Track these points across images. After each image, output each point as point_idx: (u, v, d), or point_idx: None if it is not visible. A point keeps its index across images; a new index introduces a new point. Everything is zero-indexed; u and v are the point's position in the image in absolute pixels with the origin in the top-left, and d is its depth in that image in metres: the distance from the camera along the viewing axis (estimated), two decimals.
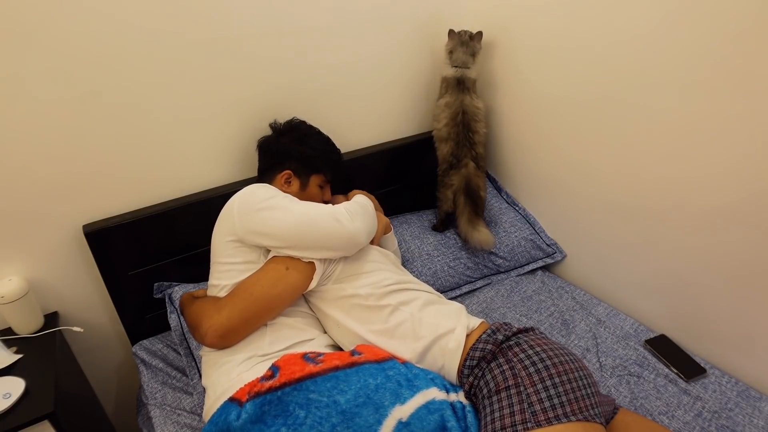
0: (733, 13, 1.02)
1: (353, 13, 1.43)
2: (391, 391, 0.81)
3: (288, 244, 1.04)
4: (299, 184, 1.24)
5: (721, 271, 1.20)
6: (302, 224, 1.03)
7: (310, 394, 0.80)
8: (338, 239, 1.05)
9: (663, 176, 1.26)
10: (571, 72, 1.41)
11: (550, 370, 0.83)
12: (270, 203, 1.05)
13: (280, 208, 1.05)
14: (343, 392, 0.80)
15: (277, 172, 1.24)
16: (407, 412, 0.78)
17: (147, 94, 1.21)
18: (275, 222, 1.03)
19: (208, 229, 1.36)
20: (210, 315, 0.98)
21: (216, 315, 0.98)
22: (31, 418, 0.98)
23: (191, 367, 1.20)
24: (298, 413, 0.78)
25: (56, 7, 1.04)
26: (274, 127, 1.31)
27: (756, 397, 1.15)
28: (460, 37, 1.54)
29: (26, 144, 1.11)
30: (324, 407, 0.78)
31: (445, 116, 1.55)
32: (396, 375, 0.84)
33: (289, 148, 1.25)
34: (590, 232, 1.52)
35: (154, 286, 1.33)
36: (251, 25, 1.29)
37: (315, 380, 0.82)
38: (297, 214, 1.04)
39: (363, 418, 0.77)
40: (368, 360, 0.87)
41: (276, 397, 0.81)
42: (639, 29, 1.20)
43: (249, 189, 1.09)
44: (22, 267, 1.21)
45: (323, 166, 1.27)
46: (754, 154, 1.07)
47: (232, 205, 1.08)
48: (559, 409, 0.78)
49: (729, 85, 1.07)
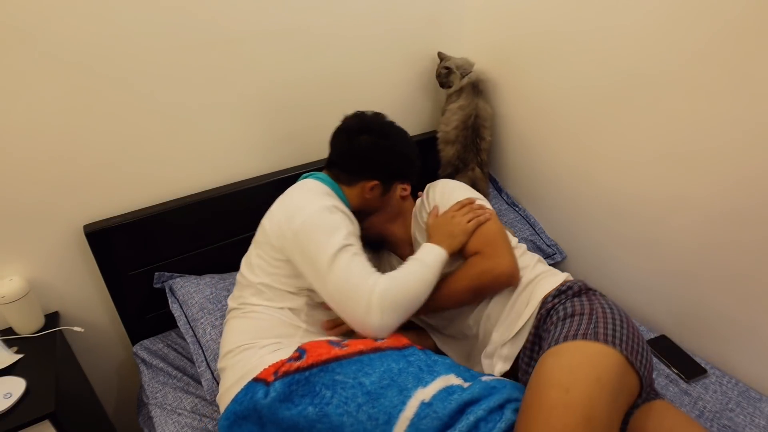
0: (733, 15, 1.02)
1: (353, 14, 1.44)
2: (413, 375, 0.83)
3: (313, 287, 0.99)
4: (381, 191, 1.15)
5: (721, 272, 1.20)
6: (339, 295, 0.94)
7: (336, 375, 0.83)
8: (354, 323, 0.95)
9: (663, 176, 1.26)
10: (570, 73, 1.41)
11: (623, 320, 0.92)
12: (332, 254, 0.94)
13: (335, 266, 0.94)
14: (368, 375, 0.83)
15: (363, 180, 1.13)
16: (429, 393, 0.81)
17: (147, 95, 1.21)
18: (318, 276, 0.95)
19: (208, 229, 1.38)
20: (497, 261, 1.06)
21: (502, 258, 1.06)
22: (32, 417, 0.99)
23: (198, 354, 1.18)
24: (325, 393, 0.81)
25: (57, 7, 1.05)
26: (360, 121, 1.16)
27: (757, 398, 1.15)
28: (447, 56, 1.58)
29: (27, 144, 1.11)
30: (350, 388, 0.81)
31: (456, 119, 1.55)
32: (417, 361, 0.87)
33: (380, 159, 1.14)
34: (590, 232, 1.52)
35: (154, 275, 1.33)
36: (251, 25, 1.29)
37: (341, 363, 0.84)
38: (340, 282, 0.94)
39: (388, 399, 0.80)
40: (390, 346, 0.90)
41: (304, 377, 0.83)
42: (638, 32, 1.20)
43: (317, 212, 0.98)
44: (23, 267, 1.21)
45: (410, 174, 1.20)
46: (754, 155, 1.07)
47: (292, 221, 0.98)
48: (617, 340, 0.86)
49: (730, 85, 1.07)
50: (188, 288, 1.29)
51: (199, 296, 1.26)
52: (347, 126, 1.17)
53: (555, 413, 0.74)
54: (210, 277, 1.34)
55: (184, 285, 1.30)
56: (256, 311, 1.01)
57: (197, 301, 1.25)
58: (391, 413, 0.78)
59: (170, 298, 1.29)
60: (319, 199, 1.02)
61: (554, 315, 0.98)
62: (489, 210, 1.16)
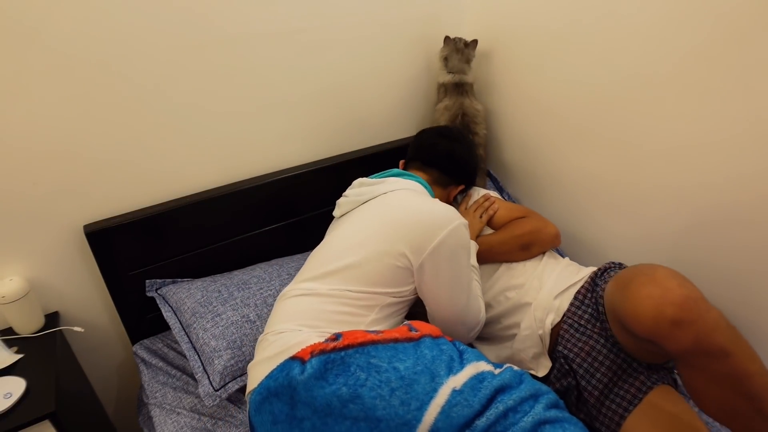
0: (733, 15, 1.02)
1: (352, 15, 1.44)
2: (445, 362, 0.84)
3: (431, 304, 1.06)
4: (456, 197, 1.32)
5: (721, 272, 1.20)
6: (460, 309, 1.05)
7: (371, 358, 0.83)
8: (456, 336, 1.04)
9: (662, 176, 1.26)
10: (570, 73, 1.41)
11: None
12: (465, 271, 1.05)
13: (464, 284, 1.05)
14: (402, 361, 0.83)
15: (453, 183, 1.27)
16: (460, 381, 0.81)
17: (147, 95, 1.21)
18: (444, 295, 1.04)
19: (209, 228, 1.38)
20: (545, 222, 1.31)
21: (546, 221, 1.32)
22: (32, 417, 0.99)
23: (195, 360, 1.18)
24: (360, 374, 0.81)
25: (58, 6, 1.04)
26: (449, 129, 1.32)
27: None
28: (455, 44, 1.54)
29: (27, 144, 1.11)
30: (384, 372, 0.81)
31: (444, 119, 1.56)
32: (449, 350, 0.87)
33: (472, 166, 1.30)
34: (590, 232, 1.52)
35: (146, 283, 1.33)
36: (251, 26, 1.29)
37: (376, 347, 0.84)
38: (469, 299, 1.06)
39: (421, 385, 0.80)
40: (425, 334, 0.90)
41: (339, 357, 0.83)
42: (637, 31, 1.20)
43: (464, 232, 1.03)
44: (23, 267, 1.21)
45: (472, 183, 1.36)
46: (754, 155, 1.07)
47: (447, 221, 1.00)
48: None
49: (729, 86, 1.07)
50: (180, 294, 1.29)
51: (191, 301, 1.25)
52: (442, 131, 1.30)
53: None
54: (201, 281, 1.33)
55: (177, 291, 1.30)
56: (327, 294, 0.99)
57: (189, 306, 1.25)
58: (423, 399, 0.78)
59: (163, 307, 1.29)
60: (454, 210, 1.05)
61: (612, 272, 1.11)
62: (495, 197, 1.36)
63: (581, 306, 1.12)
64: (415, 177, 1.18)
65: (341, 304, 0.97)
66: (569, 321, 1.11)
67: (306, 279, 1.03)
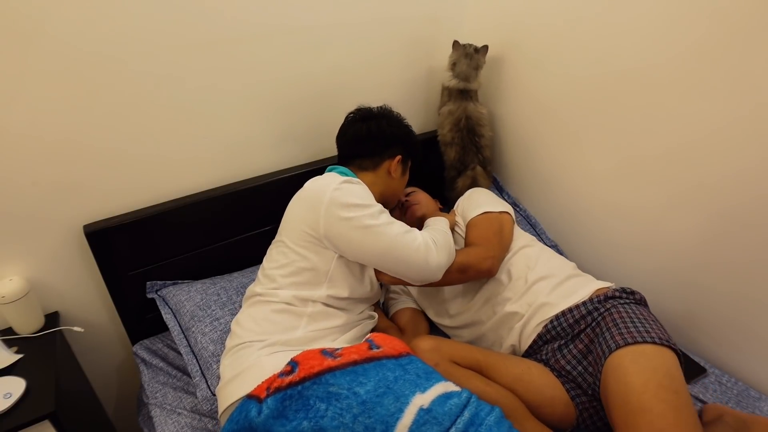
0: (733, 16, 1.02)
1: (353, 15, 1.44)
2: (410, 381, 0.82)
3: (366, 262, 1.05)
4: (401, 171, 1.24)
5: (721, 272, 1.20)
6: (391, 253, 1.02)
7: (330, 387, 0.81)
8: (419, 274, 1.04)
9: (662, 177, 1.26)
10: (570, 75, 1.41)
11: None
12: (366, 221, 1.00)
13: (375, 230, 1.00)
14: (363, 384, 0.81)
15: (386, 158, 1.20)
16: (428, 399, 0.79)
17: (147, 95, 1.21)
18: (364, 245, 1.01)
19: (209, 229, 1.38)
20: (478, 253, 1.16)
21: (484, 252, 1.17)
22: (32, 417, 0.99)
23: (193, 364, 1.18)
24: (319, 406, 0.79)
25: (58, 7, 1.04)
26: (367, 110, 1.26)
27: (756, 397, 1.15)
28: (465, 50, 1.52)
29: (27, 144, 1.11)
30: (344, 399, 0.79)
31: (448, 122, 1.56)
32: (414, 369, 0.86)
33: (398, 134, 1.22)
34: (591, 232, 1.52)
35: (146, 285, 1.33)
36: (251, 26, 1.28)
37: (334, 374, 0.83)
38: (391, 240, 1.01)
39: (384, 407, 0.78)
40: (386, 354, 0.88)
41: (296, 392, 0.81)
42: (638, 33, 1.20)
43: (346, 185, 1.02)
44: (23, 267, 1.21)
45: (418, 152, 1.29)
46: (754, 155, 1.07)
47: (322, 194, 1.01)
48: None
49: (729, 86, 1.07)
50: (180, 296, 1.29)
51: (190, 304, 1.26)
52: (358, 116, 1.25)
53: (683, 413, 0.85)
54: (201, 283, 1.33)
55: (176, 294, 1.30)
56: (266, 298, 1.04)
57: (188, 309, 1.25)
58: (389, 422, 0.76)
59: (164, 309, 1.29)
60: (337, 177, 1.06)
61: (620, 307, 1.06)
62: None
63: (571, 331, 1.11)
64: (340, 169, 1.17)
65: (276, 303, 1.02)
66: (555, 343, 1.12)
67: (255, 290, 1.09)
